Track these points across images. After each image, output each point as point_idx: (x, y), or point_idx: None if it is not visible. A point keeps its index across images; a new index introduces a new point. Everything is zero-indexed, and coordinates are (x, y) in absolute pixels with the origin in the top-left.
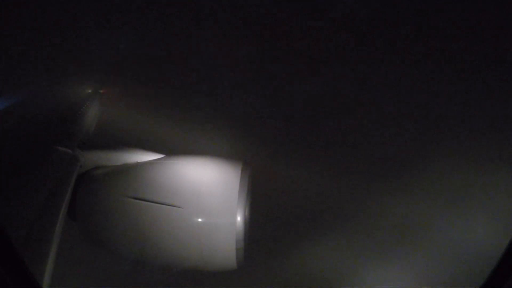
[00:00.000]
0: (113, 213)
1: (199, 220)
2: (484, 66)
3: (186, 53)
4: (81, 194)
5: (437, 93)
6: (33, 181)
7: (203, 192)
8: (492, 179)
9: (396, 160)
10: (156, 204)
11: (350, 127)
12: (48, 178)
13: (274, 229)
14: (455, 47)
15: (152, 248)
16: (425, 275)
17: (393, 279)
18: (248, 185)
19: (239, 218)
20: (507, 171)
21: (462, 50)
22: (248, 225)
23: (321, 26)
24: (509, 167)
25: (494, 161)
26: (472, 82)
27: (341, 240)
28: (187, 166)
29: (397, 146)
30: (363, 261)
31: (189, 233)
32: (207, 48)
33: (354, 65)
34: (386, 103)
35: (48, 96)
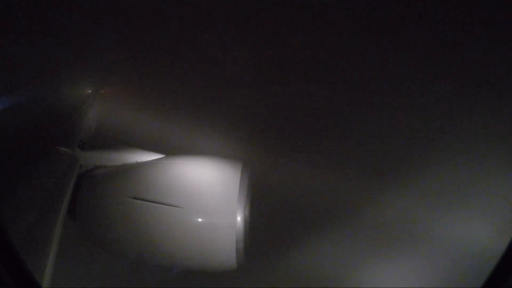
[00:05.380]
0: (113, 213)
1: (199, 220)
2: (484, 66)
3: (187, 53)
4: (81, 194)
5: (439, 92)
6: (33, 181)
7: (203, 192)
8: (493, 178)
9: (397, 160)
10: (156, 204)
11: (351, 127)
12: (48, 178)
13: (275, 228)
14: (455, 47)
15: (152, 248)
16: (425, 275)
17: (393, 279)
18: (248, 185)
19: (239, 218)
20: (507, 170)
21: (462, 50)
22: (248, 225)
23: (323, 26)
24: (510, 166)
25: (495, 160)
26: (472, 81)
27: (342, 239)
28: (187, 166)
29: (399, 146)
30: (364, 261)
31: (189, 233)
32: (208, 48)
33: (355, 65)
34: (388, 102)
35: (48, 96)
